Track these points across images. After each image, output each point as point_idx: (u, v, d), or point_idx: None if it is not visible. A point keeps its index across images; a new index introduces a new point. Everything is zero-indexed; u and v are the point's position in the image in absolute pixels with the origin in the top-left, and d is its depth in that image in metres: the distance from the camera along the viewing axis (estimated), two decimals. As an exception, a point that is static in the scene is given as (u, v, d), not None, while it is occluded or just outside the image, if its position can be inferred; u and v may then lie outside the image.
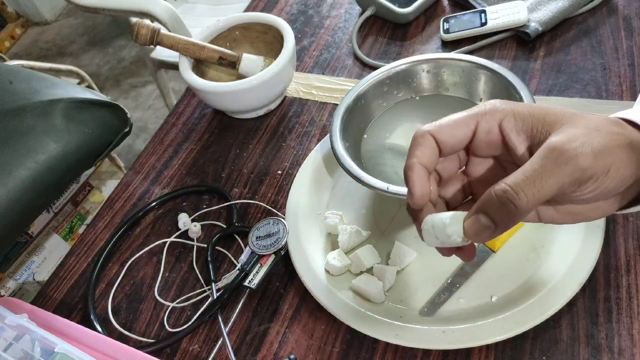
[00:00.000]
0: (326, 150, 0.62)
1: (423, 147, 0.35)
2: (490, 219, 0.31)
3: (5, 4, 2.61)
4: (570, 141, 0.30)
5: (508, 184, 0.31)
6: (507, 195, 0.30)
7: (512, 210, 0.30)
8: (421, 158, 0.35)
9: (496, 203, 0.31)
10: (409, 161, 0.35)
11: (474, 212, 0.32)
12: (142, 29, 0.68)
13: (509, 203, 0.30)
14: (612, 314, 0.46)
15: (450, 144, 0.35)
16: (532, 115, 0.33)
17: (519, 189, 0.30)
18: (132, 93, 2.18)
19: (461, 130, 0.35)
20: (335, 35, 0.82)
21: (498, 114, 0.34)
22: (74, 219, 1.14)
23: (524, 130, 0.34)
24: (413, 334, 0.47)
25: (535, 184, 0.30)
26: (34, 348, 0.45)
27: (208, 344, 0.53)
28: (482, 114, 0.35)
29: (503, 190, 0.31)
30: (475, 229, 0.32)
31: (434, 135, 0.35)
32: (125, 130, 0.87)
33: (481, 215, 0.32)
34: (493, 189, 0.31)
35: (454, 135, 0.35)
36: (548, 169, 0.30)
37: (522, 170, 0.31)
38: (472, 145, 0.36)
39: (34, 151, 0.75)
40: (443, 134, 0.35)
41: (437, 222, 0.34)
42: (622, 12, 0.71)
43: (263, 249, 0.54)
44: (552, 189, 0.30)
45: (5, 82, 0.80)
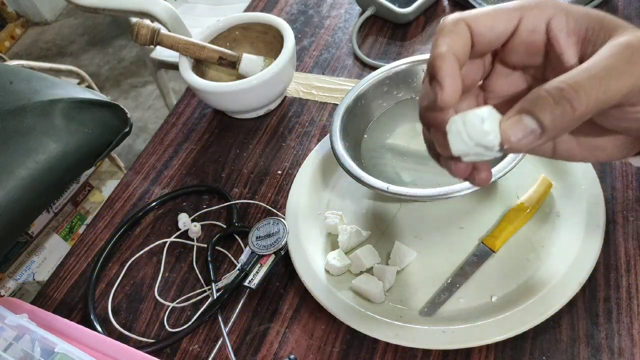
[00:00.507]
0: (326, 150, 0.62)
1: (455, 36, 0.29)
2: (537, 121, 0.25)
3: (5, 4, 2.61)
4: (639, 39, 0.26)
5: (566, 82, 0.25)
6: (564, 94, 0.25)
7: (567, 113, 0.25)
8: (453, 47, 0.28)
9: (548, 102, 0.25)
10: (438, 50, 0.28)
11: (517, 112, 0.26)
12: (142, 29, 0.68)
13: (565, 103, 0.25)
14: (612, 314, 0.46)
15: (487, 38, 0.29)
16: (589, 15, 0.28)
17: (580, 88, 0.25)
18: (132, 93, 2.18)
19: (502, 23, 0.29)
20: (335, 35, 0.82)
21: (548, 10, 0.29)
22: (74, 219, 1.14)
23: (576, 32, 0.28)
24: (413, 334, 0.47)
25: (602, 84, 0.25)
26: (34, 348, 0.44)
27: (208, 344, 0.53)
28: (528, 7, 0.29)
29: (559, 87, 0.25)
30: (516, 130, 0.26)
31: (469, 24, 0.29)
32: (125, 130, 0.87)
33: (526, 116, 0.26)
34: (544, 87, 0.26)
35: (493, 28, 0.29)
36: (619, 68, 0.25)
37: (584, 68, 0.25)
38: (507, 47, 0.30)
39: (34, 151, 0.75)
40: (480, 25, 0.29)
41: (471, 118, 0.27)
42: (622, 12, 0.71)
43: (263, 249, 0.54)
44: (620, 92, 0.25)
45: (5, 82, 0.80)
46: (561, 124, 0.25)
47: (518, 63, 0.31)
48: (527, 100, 0.26)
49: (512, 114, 0.26)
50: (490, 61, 0.33)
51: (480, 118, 0.27)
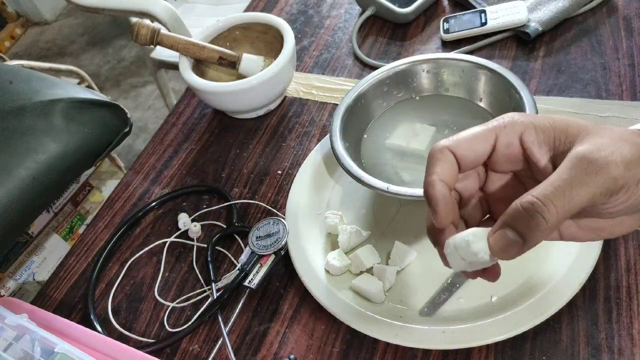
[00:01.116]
0: (326, 150, 0.62)
1: (442, 163, 0.33)
2: (517, 234, 0.30)
3: (5, 4, 2.61)
4: (598, 150, 0.29)
5: (536, 196, 0.29)
6: (536, 208, 0.29)
7: (541, 224, 0.29)
8: (441, 174, 0.33)
9: (524, 216, 0.29)
10: (429, 178, 0.33)
11: (499, 226, 0.30)
12: (142, 29, 0.68)
13: (538, 216, 0.29)
14: (612, 314, 0.46)
15: (470, 159, 0.34)
16: (554, 126, 0.32)
17: (548, 201, 0.28)
18: (132, 93, 2.18)
19: (480, 145, 0.33)
20: (335, 35, 0.82)
21: (518, 126, 0.33)
22: (74, 219, 1.14)
23: (545, 143, 0.32)
24: (413, 334, 0.47)
25: (565, 195, 0.28)
26: (34, 348, 0.44)
27: (208, 344, 0.53)
28: (501, 127, 0.33)
29: (530, 202, 0.29)
30: (501, 244, 0.30)
31: (452, 151, 0.33)
32: (125, 130, 0.87)
33: (508, 229, 0.30)
34: (519, 202, 0.30)
35: (473, 150, 0.33)
36: (578, 179, 0.29)
37: (550, 182, 0.29)
38: (492, 160, 0.34)
39: (34, 151, 0.75)
40: (462, 149, 0.33)
41: (459, 242, 0.32)
42: (622, 12, 0.71)
43: (263, 249, 0.54)
44: (582, 200, 0.29)
45: (5, 82, 0.80)
46: (538, 234, 0.29)
47: (506, 170, 0.36)
48: (508, 215, 0.30)
49: (496, 228, 0.31)
50: (484, 171, 0.37)
51: (467, 242, 0.31)
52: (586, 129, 0.31)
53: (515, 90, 0.55)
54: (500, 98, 0.58)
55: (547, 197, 0.29)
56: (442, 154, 0.33)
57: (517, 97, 0.54)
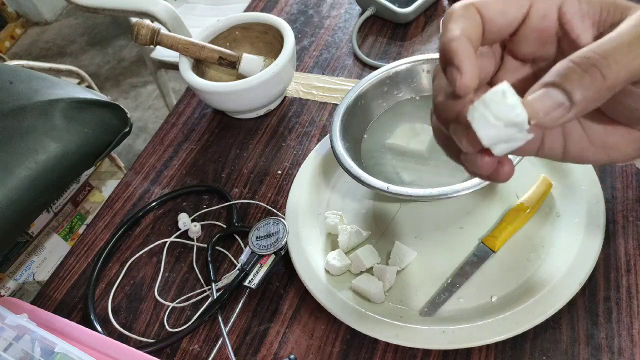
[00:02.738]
0: (326, 150, 0.62)
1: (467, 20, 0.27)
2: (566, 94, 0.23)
3: (5, 4, 2.61)
4: None
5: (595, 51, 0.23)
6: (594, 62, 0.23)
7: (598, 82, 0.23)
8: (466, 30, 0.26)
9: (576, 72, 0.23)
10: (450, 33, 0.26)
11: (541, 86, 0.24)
12: (142, 29, 0.68)
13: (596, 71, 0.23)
14: (612, 314, 0.46)
15: (498, 25, 0.27)
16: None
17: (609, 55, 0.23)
18: (132, 93, 2.18)
19: (513, 9, 0.27)
20: (335, 35, 0.82)
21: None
22: (74, 219, 1.14)
23: (590, 16, 0.27)
24: (413, 334, 0.47)
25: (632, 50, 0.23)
26: (34, 348, 0.44)
27: (208, 344, 0.53)
28: None
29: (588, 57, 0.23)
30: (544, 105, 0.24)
31: (479, 10, 0.27)
32: (125, 130, 0.87)
33: (552, 89, 0.24)
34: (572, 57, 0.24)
35: (504, 13, 0.27)
36: None
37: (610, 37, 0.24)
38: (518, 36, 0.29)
39: (34, 151, 0.75)
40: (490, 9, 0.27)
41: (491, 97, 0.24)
42: (622, 12, 0.71)
43: (263, 249, 0.54)
44: None
45: (5, 82, 0.80)
46: (592, 96, 0.23)
47: (529, 54, 0.30)
48: (552, 73, 0.24)
49: (536, 88, 0.24)
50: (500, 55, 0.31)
51: (502, 92, 0.24)
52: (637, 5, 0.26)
53: (515, 90, 0.55)
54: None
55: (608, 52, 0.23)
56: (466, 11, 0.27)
57: (517, 97, 0.54)
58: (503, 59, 0.31)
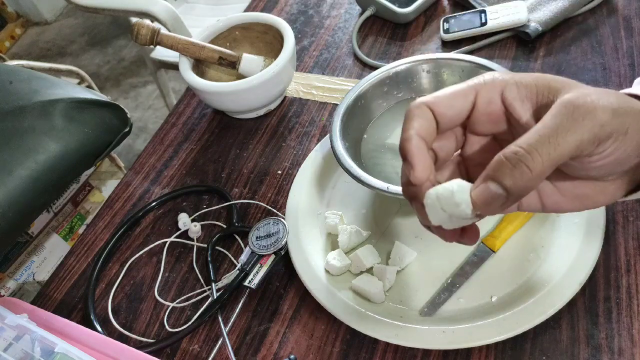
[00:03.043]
0: (326, 150, 0.62)
1: (420, 119, 0.31)
2: (501, 186, 0.28)
3: (5, 4, 2.61)
4: (584, 96, 0.28)
5: (519, 145, 0.27)
6: (519, 157, 0.27)
7: (525, 174, 0.27)
8: (419, 130, 0.31)
9: (507, 166, 0.27)
10: (406, 133, 0.31)
11: (482, 180, 0.29)
12: (142, 29, 0.68)
13: (522, 165, 0.27)
14: (612, 314, 0.46)
15: (449, 116, 0.32)
16: (536, 81, 0.31)
17: (532, 149, 0.27)
18: (132, 93, 2.18)
19: (460, 101, 0.32)
20: (335, 35, 0.82)
21: (499, 83, 0.31)
22: (74, 219, 1.14)
23: (528, 98, 0.31)
24: (413, 334, 0.47)
25: (551, 142, 0.27)
26: (34, 348, 0.44)
27: (208, 344, 0.53)
28: (481, 84, 0.32)
29: (514, 151, 0.27)
30: (484, 198, 0.28)
31: (430, 107, 0.32)
32: (125, 130, 0.87)
33: (490, 182, 0.28)
34: (502, 153, 0.28)
35: (452, 106, 0.32)
36: (564, 125, 0.27)
37: (534, 130, 0.28)
38: (471, 120, 0.33)
39: (34, 151, 0.75)
40: (440, 106, 0.32)
41: (442, 192, 0.30)
42: (622, 12, 0.71)
43: (263, 249, 0.54)
44: (570, 147, 0.27)
45: (5, 82, 0.80)
46: (522, 185, 0.27)
47: (486, 131, 0.34)
48: (490, 167, 0.28)
49: (479, 182, 0.29)
50: (462, 133, 0.35)
51: (450, 192, 0.29)
52: (569, 83, 0.30)
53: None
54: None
55: (531, 145, 0.27)
56: (419, 110, 0.32)
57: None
58: (466, 136, 0.35)
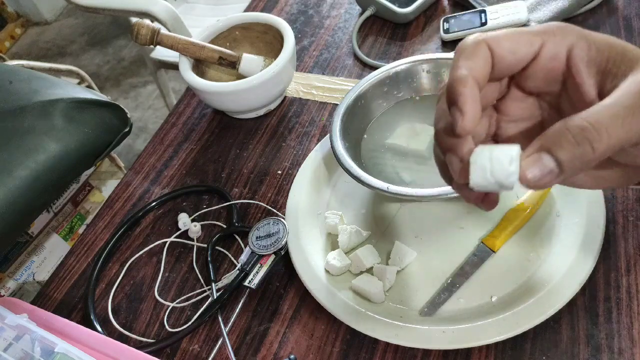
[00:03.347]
0: (326, 150, 0.62)
1: (477, 58, 0.28)
2: (556, 161, 0.25)
3: (5, 4, 2.61)
4: None
5: (588, 120, 0.24)
6: (586, 134, 0.24)
7: (587, 154, 0.24)
8: (474, 70, 0.28)
9: (570, 141, 0.25)
10: (459, 72, 0.28)
11: (536, 149, 0.26)
12: (142, 29, 0.68)
13: (587, 144, 0.24)
14: (612, 314, 0.46)
15: (508, 62, 0.28)
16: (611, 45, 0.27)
17: (603, 128, 0.24)
18: (132, 93, 2.18)
19: (524, 48, 0.28)
20: (335, 35, 0.82)
21: (570, 37, 0.28)
22: (74, 219, 1.14)
23: (596, 63, 0.28)
24: (413, 334, 0.47)
25: (624, 124, 0.24)
26: (34, 348, 0.44)
27: (208, 344, 0.53)
28: (550, 32, 0.28)
29: (581, 127, 0.24)
30: (535, 171, 0.26)
31: (491, 47, 0.28)
32: (125, 130, 0.87)
33: (545, 155, 0.25)
34: (567, 124, 0.25)
35: (515, 52, 0.28)
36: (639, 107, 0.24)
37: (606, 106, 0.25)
38: (526, 73, 0.30)
39: (34, 151, 0.75)
40: (502, 47, 0.28)
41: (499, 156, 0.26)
42: (622, 12, 0.71)
43: (263, 249, 0.54)
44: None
45: (5, 82, 0.80)
46: (580, 165, 0.25)
47: (534, 89, 0.31)
48: (549, 136, 0.26)
49: (531, 150, 0.26)
50: (507, 83, 0.32)
51: (510, 158, 0.26)
52: None
53: (515, 90, 0.55)
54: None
55: (602, 123, 0.24)
56: (478, 48, 0.28)
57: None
58: (509, 88, 0.32)
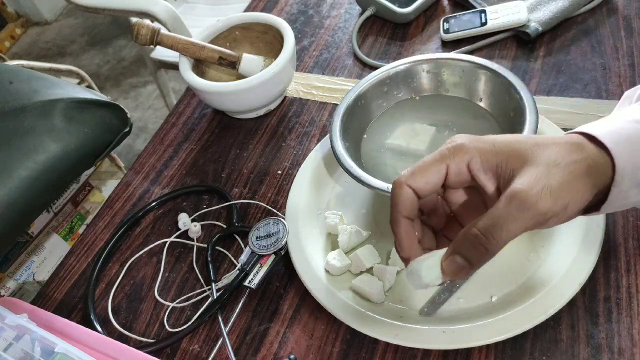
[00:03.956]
0: (326, 150, 0.62)
1: (403, 199, 0.38)
2: (465, 260, 0.35)
3: (5, 4, 2.61)
4: (530, 188, 0.34)
5: (479, 230, 0.34)
6: (479, 240, 0.34)
7: (483, 252, 0.35)
8: (403, 211, 0.38)
9: (470, 245, 0.35)
10: (393, 215, 0.39)
11: (450, 253, 0.36)
12: (142, 29, 0.68)
13: (481, 246, 0.34)
14: (612, 314, 0.46)
15: (427, 189, 0.38)
16: (497, 154, 0.36)
17: (489, 234, 0.34)
18: (132, 93, 2.18)
19: (434, 176, 0.38)
20: (335, 35, 0.82)
21: (465, 155, 0.37)
22: (74, 219, 1.14)
23: (490, 169, 0.37)
24: (413, 334, 0.47)
25: (503, 229, 0.34)
26: (34, 348, 0.45)
27: (208, 344, 0.53)
28: (450, 156, 0.37)
29: (474, 235, 0.35)
30: (452, 269, 0.36)
31: (410, 185, 0.38)
32: (125, 130, 0.87)
33: (457, 256, 0.36)
34: (466, 232, 0.35)
35: (428, 182, 0.38)
36: (512, 215, 0.34)
37: (490, 216, 0.35)
38: (446, 184, 0.39)
39: (34, 151, 0.75)
40: (418, 182, 0.38)
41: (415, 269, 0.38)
42: (622, 12, 0.71)
43: (263, 249, 0.54)
44: (518, 231, 0.34)
45: (5, 82, 0.80)
46: (482, 259, 0.35)
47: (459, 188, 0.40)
48: (457, 242, 0.36)
49: (448, 254, 0.37)
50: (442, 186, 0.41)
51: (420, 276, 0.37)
52: (525, 155, 0.35)
53: (516, 91, 0.55)
54: (500, 98, 0.58)
55: (488, 231, 0.34)
56: (401, 190, 0.38)
57: (517, 97, 0.54)
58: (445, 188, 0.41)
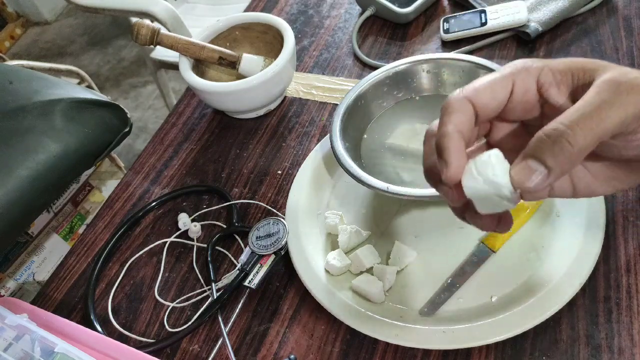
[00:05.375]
0: (326, 150, 0.62)
1: (460, 114, 0.31)
2: (541, 163, 0.28)
3: (5, 4, 2.61)
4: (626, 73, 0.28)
5: (560, 121, 0.27)
6: (559, 132, 0.27)
7: (567, 149, 0.27)
8: (459, 125, 0.31)
9: (548, 143, 0.27)
10: (445, 128, 0.31)
11: (522, 158, 0.29)
12: (142, 29, 0.68)
13: (562, 140, 0.27)
14: (612, 314, 0.46)
15: (490, 108, 0.32)
16: (569, 65, 0.31)
17: (574, 124, 0.27)
18: (132, 93, 2.18)
19: (500, 93, 0.31)
20: (335, 35, 0.82)
21: (534, 69, 0.31)
22: (74, 219, 1.14)
23: (564, 82, 0.31)
24: (413, 334, 0.47)
25: (594, 118, 0.27)
26: (34, 348, 0.44)
27: (208, 344, 0.53)
28: (517, 72, 0.31)
29: (554, 128, 0.27)
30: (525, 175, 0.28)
31: (471, 100, 0.31)
32: (125, 130, 0.87)
33: (530, 160, 0.28)
34: (542, 130, 0.28)
35: (493, 98, 0.31)
36: (608, 101, 0.27)
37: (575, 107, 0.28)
38: (506, 109, 0.32)
39: (34, 151, 0.75)
40: (482, 98, 0.31)
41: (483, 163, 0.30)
42: (622, 12, 0.71)
43: (263, 249, 0.54)
44: (613, 122, 0.27)
45: (5, 82, 0.80)
46: (563, 161, 0.28)
47: (517, 119, 0.34)
48: (530, 146, 0.28)
49: (518, 161, 0.29)
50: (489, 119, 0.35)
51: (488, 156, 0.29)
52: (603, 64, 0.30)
53: (515, 90, 0.55)
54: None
55: (573, 121, 0.27)
56: (460, 104, 0.31)
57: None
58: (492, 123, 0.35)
